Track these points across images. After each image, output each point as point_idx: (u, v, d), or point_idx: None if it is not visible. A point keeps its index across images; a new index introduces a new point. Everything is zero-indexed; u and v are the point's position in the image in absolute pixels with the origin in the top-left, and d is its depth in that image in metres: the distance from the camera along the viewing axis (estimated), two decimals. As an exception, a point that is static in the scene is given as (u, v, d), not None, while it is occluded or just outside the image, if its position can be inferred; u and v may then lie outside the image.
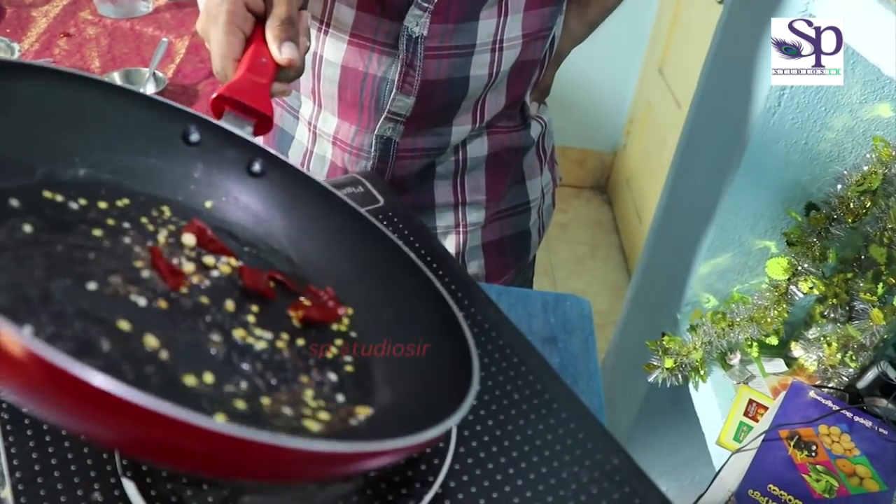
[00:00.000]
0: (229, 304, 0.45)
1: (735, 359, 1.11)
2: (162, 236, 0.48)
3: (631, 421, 1.44)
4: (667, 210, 1.39)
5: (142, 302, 0.42)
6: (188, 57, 1.46)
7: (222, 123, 0.53)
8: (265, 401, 0.40)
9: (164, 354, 0.39)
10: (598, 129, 2.71)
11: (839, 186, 0.98)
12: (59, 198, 0.46)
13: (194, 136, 0.52)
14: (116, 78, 1.35)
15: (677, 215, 1.32)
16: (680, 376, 1.11)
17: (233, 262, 0.48)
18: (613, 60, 2.50)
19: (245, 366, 0.41)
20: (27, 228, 0.42)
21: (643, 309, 1.48)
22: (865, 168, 0.96)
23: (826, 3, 0.85)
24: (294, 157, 0.93)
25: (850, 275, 1.03)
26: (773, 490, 0.88)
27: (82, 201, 0.47)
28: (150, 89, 1.33)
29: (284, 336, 0.45)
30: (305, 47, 0.60)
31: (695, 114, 1.27)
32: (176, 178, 0.52)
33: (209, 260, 0.48)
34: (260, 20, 0.58)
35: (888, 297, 0.97)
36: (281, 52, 0.56)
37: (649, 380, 1.11)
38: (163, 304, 0.42)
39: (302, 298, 0.49)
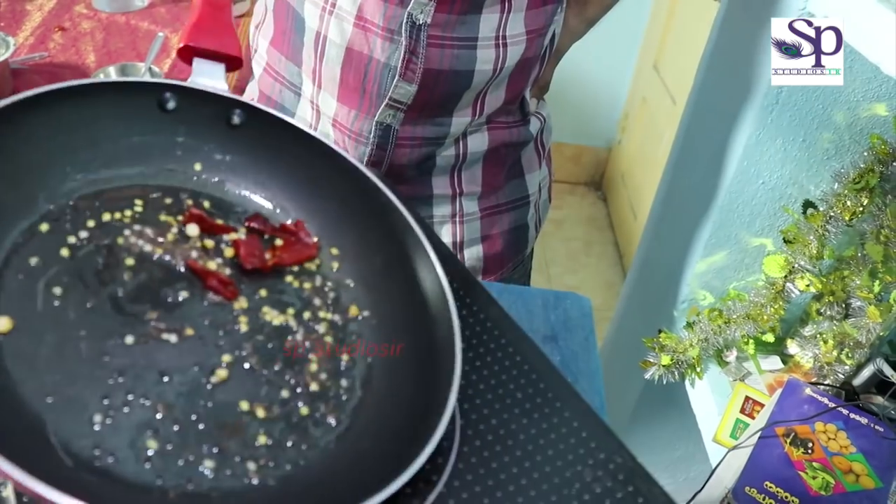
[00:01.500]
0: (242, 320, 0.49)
1: (731, 356, 1.11)
2: (171, 235, 0.50)
3: (626, 417, 1.44)
4: (663, 207, 1.39)
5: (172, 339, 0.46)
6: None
7: (193, 81, 0.53)
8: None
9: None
10: (592, 125, 2.71)
11: (836, 184, 0.98)
12: (72, 239, 0.47)
13: (171, 104, 0.53)
14: (112, 73, 1.34)
15: (674, 212, 1.32)
16: (676, 373, 1.11)
17: (234, 236, 0.52)
18: (608, 56, 2.49)
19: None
20: (56, 291, 0.45)
21: (639, 306, 1.48)
22: (863, 166, 0.96)
23: (825, 0, 0.85)
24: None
25: (846, 272, 1.03)
26: (770, 487, 0.89)
27: (90, 223, 0.49)
28: (145, 84, 1.32)
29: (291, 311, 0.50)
30: None
31: (691, 110, 1.27)
32: (163, 148, 0.53)
33: (211, 243, 0.51)
34: None
35: (884, 295, 0.98)
36: None
37: (646, 376, 1.11)
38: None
39: (278, 241, 0.53)
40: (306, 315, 0.50)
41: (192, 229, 0.51)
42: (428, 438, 0.39)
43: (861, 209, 0.97)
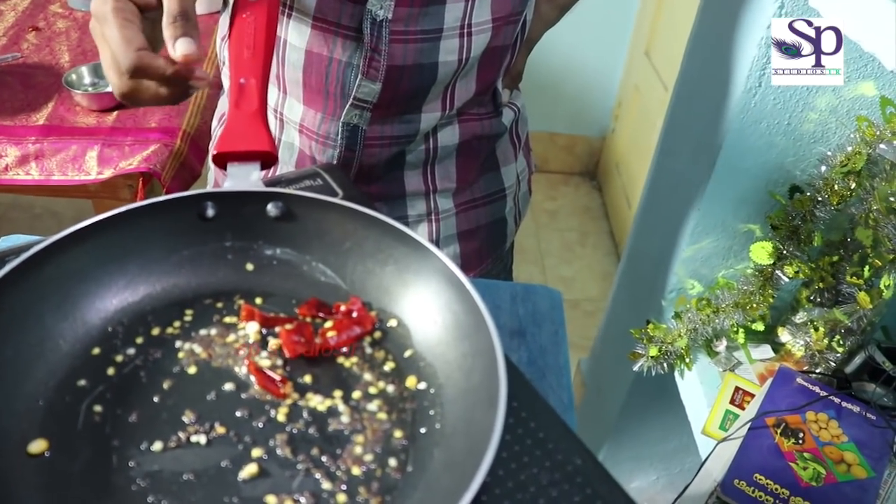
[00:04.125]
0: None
1: (721, 346, 1.10)
2: (220, 337, 0.51)
3: (618, 410, 1.43)
4: (651, 195, 1.37)
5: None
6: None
7: (229, 186, 0.53)
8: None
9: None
10: (586, 114, 2.70)
11: (823, 168, 0.96)
12: (119, 357, 0.48)
13: (210, 212, 0.53)
14: (84, 72, 1.32)
15: (661, 200, 1.31)
16: (665, 364, 1.09)
17: (289, 327, 0.51)
18: (600, 45, 2.48)
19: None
20: (98, 409, 0.45)
21: (630, 296, 1.47)
22: (849, 149, 0.94)
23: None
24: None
25: (835, 258, 1.01)
26: (759, 479, 0.87)
27: (139, 340, 0.50)
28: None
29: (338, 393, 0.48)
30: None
31: (677, 96, 1.25)
32: (213, 255, 0.54)
33: (258, 336, 0.51)
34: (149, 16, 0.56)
35: (875, 280, 0.96)
36: (175, 50, 0.53)
37: (634, 368, 1.10)
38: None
39: (327, 323, 0.51)
40: (356, 395, 0.48)
41: (252, 327, 0.51)
42: None
43: (849, 193, 0.95)
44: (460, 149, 0.90)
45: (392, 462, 0.44)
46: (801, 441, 0.91)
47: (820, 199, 0.97)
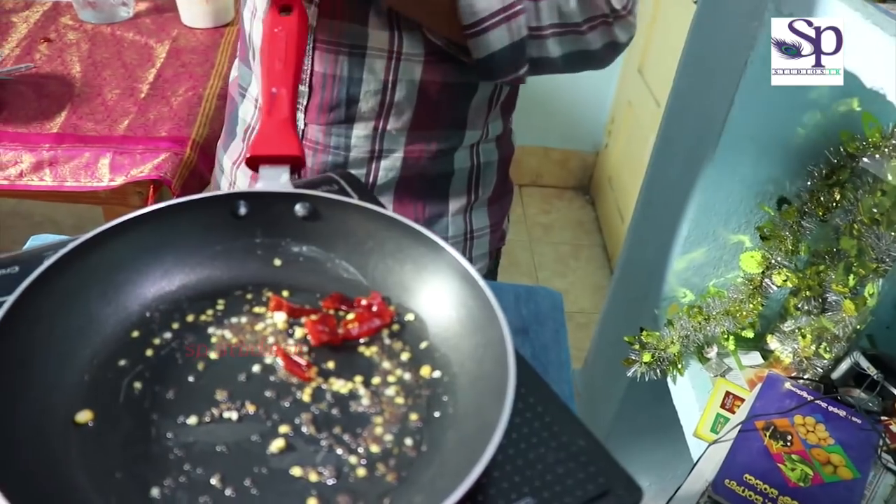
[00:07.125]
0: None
1: (712, 352, 1.12)
2: (250, 325, 0.54)
3: (611, 418, 1.45)
4: (644, 207, 1.40)
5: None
6: (168, 62, 1.46)
7: (259, 186, 0.57)
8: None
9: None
10: (579, 129, 2.73)
11: (809, 181, 1.00)
12: (157, 341, 0.52)
13: (242, 210, 0.57)
14: None
15: (654, 212, 1.34)
16: (658, 370, 1.12)
17: (314, 318, 0.54)
18: (594, 62, 2.51)
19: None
20: (137, 385, 0.49)
21: (623, 305, 1.49)
22: (835, 162, 0.98)
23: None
24: (239, 135, 0.95)
25: (822, 267, 1.04)
26: (749, 479, 0.90)
27: (175, 325, 0.53)
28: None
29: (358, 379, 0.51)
30: None
31: (670, 111, 1.29)
32: (244, 251, 0.58)
33: (284, 325, 0.54)
34: None
35: (859, 289, 0.99)
36: None
37: (628, 374, 1.12)
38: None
39: (349, 315, 0.54)
40: (375, 380, 0.51)
41: (280, 317, 0.54)
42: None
43: (834, 204, 0.98)
44: (399, 185, 0.90)
45: (408, 441, 0.47)
46: (789, 443, 0.93)
47: (807, 210, 1.00)
